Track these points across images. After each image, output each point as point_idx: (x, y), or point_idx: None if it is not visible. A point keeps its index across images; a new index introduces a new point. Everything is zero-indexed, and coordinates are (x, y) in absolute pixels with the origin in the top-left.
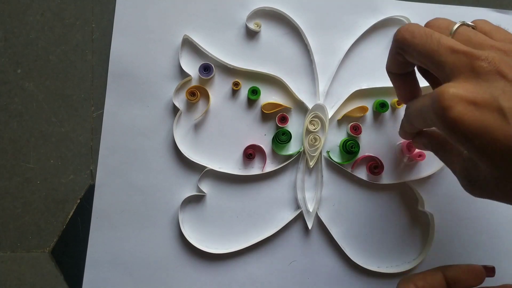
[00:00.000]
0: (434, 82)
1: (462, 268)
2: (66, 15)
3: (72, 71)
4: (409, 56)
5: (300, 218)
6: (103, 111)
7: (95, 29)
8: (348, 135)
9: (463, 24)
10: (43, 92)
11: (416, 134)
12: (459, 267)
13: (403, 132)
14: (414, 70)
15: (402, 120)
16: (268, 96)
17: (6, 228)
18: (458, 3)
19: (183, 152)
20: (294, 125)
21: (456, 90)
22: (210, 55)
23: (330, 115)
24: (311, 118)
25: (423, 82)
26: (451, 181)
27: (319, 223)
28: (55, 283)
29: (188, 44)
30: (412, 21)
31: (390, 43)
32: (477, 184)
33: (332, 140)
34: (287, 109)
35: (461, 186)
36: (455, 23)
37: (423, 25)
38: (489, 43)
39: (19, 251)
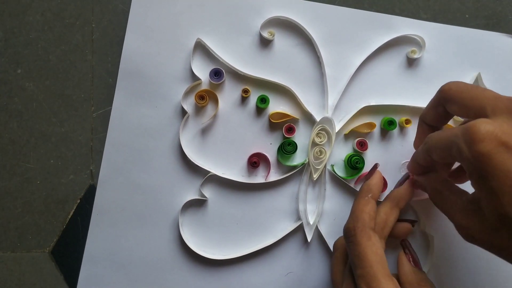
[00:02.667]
0: None
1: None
2: (66, 15)
3: (72, 71)
4: (452, 105)
5: (300, 229)
6: (103, 111)
7: (95, 29)
8: (354, 150)
9: None
10: (43, 92)
11: (420, 174)
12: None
13: (414, 165)
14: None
15: (417, 152)
16: (276, 106)
17: (6, 228)
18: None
19: (188, 155)
20: (300, 137)
21: (491, 126)
22: (221, 60)
23: (337, 129)
24: (318, 130)
25: None
26: None
27: (319, 236)
28: (55, 283)
29: (201, 48)
30: (426, 41)
31: (403, 61)
32: (473, 231)
33: (338, 154)
34: (295, 120)
35: (457, 232)
36: None
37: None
38: None
39: (19, 251)
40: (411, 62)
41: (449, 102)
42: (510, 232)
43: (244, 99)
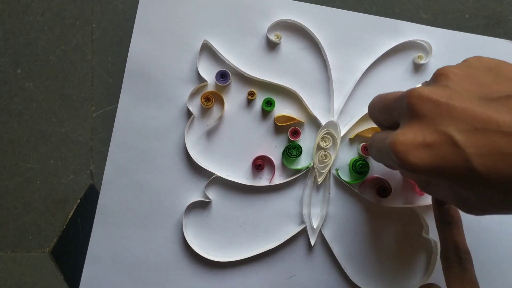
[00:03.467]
0: None
1: None
2: (66, 15)
3: (72, 71)
4: (382, 121)
5: (303, 233)
6: (103, 111)
7: (95, 29)
8: (359, 154)
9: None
10: (43, 92)
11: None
12: None
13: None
14: None
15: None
16: (282, 109)
17: (6, 228)
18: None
19: (192, 157)
20: (305, 140)
21: (404, 137)
22: (228, 62)
23: (342, 133)
24: (323, 134)
25: None
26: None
27: (322, 240)
28: (55, 283)
29: (207, 50)
30: (433, 47)
31: (409, 67)
32: (470, 205)
33: (342, 158)
34: (300, 123)
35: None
36: None
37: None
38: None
39: (19, 251)
40: (417, 68)
41: (376, 120)
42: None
43: (249, 102)
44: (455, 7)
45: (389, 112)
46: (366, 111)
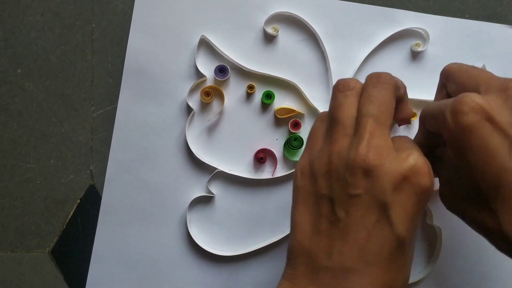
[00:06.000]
0: None
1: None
2: (66, 15)
3: (72, 71)
4: (451, 85)
5: None
6: (103, 111)
7: (95, 29)
8: None
9: None
10: (43, 92)
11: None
12: None
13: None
14: None
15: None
16: (282, 101)
17: (6, 228)
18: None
19: (194, 153)
20: (306, 132)
21: (479, 100)
22: (226, 57)
23: None
24: None
25: None
26: None
27: None
28: (55, 283)
29: (205, 45)
30: (430, 34)
31: (407, 55)
32: (451, 200)
33: None
34: (300, 115)
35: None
36: None
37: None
38: None
39: (19, 251)
40: (415, 55)
41: (449, 82)
42: (479, 204)
43: (249, 95)
44: (455, 7)
45: (473, 82)
46: None
